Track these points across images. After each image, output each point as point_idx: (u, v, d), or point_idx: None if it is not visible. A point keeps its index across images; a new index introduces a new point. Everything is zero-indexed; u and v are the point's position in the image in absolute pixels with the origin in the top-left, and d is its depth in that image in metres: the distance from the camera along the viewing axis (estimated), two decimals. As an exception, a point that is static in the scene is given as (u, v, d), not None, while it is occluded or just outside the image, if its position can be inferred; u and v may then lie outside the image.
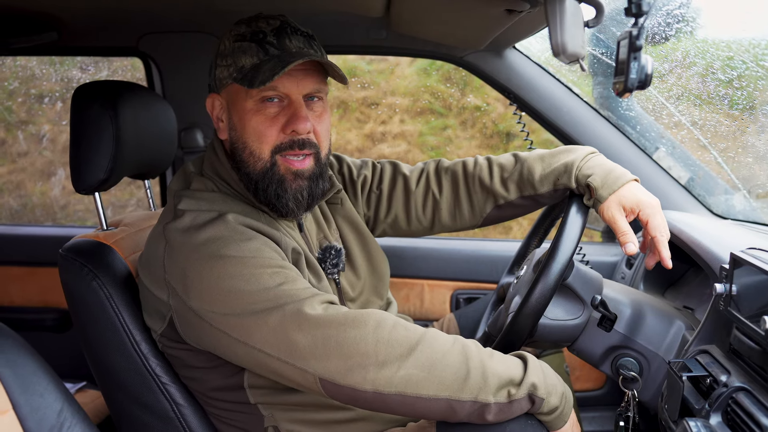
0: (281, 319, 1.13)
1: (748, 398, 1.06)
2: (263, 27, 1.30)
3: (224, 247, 1.20)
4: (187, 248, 1.23)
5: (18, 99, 4.75)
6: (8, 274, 2.46)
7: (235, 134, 1.34)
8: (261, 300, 1.16)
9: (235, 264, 1.19)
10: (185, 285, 1.22)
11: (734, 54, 2.00)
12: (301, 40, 1.32)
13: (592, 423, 2.15)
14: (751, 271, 1.12)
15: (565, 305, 1.43)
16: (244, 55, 1.29)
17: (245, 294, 1.16)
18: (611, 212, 1.37)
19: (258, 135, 1.30)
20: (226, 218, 1.25)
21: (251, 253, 1.20)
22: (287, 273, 1.20)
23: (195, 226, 1.25)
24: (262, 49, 1.29)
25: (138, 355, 1.35)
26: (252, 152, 1.32)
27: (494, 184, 1.56)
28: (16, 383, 1.08)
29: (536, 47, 2.14)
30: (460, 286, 2.27)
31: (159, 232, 1.31)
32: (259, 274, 1.18)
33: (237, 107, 1.32)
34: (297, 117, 1.29)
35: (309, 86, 1.31)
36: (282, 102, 1.31)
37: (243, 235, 1.23)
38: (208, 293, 1.19)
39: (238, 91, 1.31)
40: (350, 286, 1.51)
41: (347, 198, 1.58)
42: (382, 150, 4.59)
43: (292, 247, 1.31)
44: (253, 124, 1.30)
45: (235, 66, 1.30)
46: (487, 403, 1.12)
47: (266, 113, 1.30)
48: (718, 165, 2.12)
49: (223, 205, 1.32)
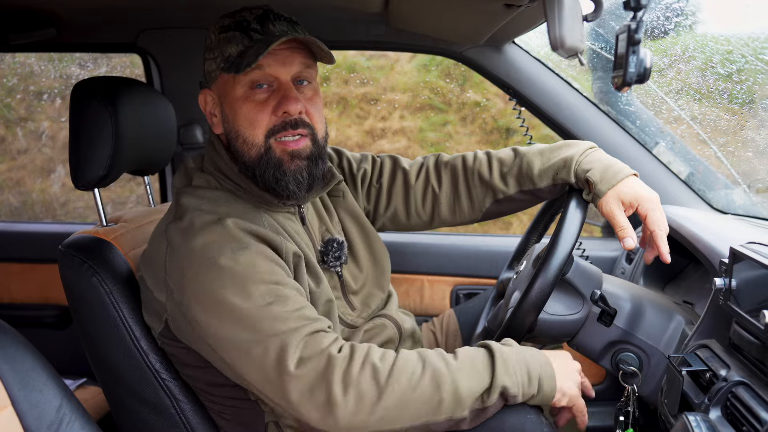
0: (263, 356, 1.15)
1: (748, 393, 1.06)
2: (246, 16, 1.31)
3: (220, 255, 1.20)
4: (185, 251, 1.23)
5: (17, 96, 4.75)
6: (8, 271, 2.46)
7: (228, 125, 1.34)
8: (248, 319, 1.16)
9: (228, 275, 1.19)
10: (181, 288, 1.23)
11: (733, 48, 2.00)
12: (284, 24, 1.32)
13: (592, 418, 2.13)
14: (751, 266, 1.12)
15: (564, 300, 1.43)
16: (230, 44, 1.29)
17: (234, 309, 1.17)
18: (610, 207, 1.37)
19: (250, 121, 1.30)
20: (225, 223, 1.24)
21: (245, 266, 1.20)
22: (279, 290, 1.19)
23: (194, 229, 1.24)
24: (247, 35, 1.29)
25: (138, 351, 1.36)
26: (245, 139, 1.31)
27: (493, 178, 1.56)
28: (15, 379, 1.08)
29: (535, 42, 2.14)
30: (460, 282, 2.27)
31: (162, 232, 1.31)
32: (251, 290, 1.18)
33: (227, 98, 1.32)
34: (287, 98, 1.29)
35: (296, 67, 1.31)
36: (271, 87, 1.31)
37: (240, 243, 1.22)
38: (200, 301, 1.20)
39: (227, 81, 1.31)
40: (353, 279, 1.52)
41: (348, 190, 1.58)
42: (381, 146, 4.58)
43: (293, 252, 1.30)
44: (244, 111, 1.30)
45: (222, 56, 1.30)
46: (462, 418, 1.16)
47: (256, 99, 1.30)
48: (718, 159, 2.12)
49: (225, 206, 1.31)
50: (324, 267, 1.44)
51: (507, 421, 1.20)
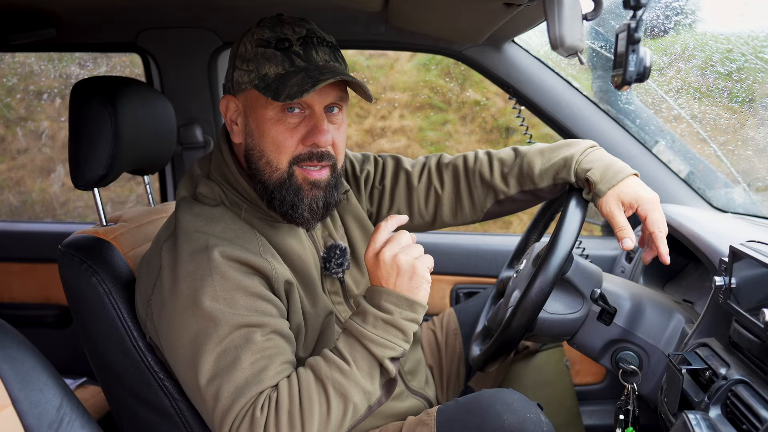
0: (212, 408, 1.17)
1: (748, 391, 1.06)
2: (289, 34, 1.27)
3: (200, 291, 1.20)
4: (170, 281, 1.24)
5: (17, 95, 4.75)
6: (9, 271, 2.46)
7: (252, 141, 1.31)
8: (208, 371, 1.17)
9: (204, 316, 1.19)
10: (159, 316, 1.26)
11: (733, 46, 2.00)
12: (327, 51, 1.30)
13: (592, 416, 2.15)
14: (751, 264, 1.12)
15: (564, 299, 1.43)
16: (268, 63, 1.26)
17: (202, 352, 1.18)
18: (609, 207, 1.37)
19: (277, 145, 1.28)
20: (212, 255, 1.22)
21: (223, 305, 1.19)
22: (250, 336, 1.19)
23: (182, 256, 1.24)
24: (288, 59, 1.26)
25: (136, 351, 1.35)
26: (269, 161, 1.29)
27: (494, 179, 1.55)
28: (16, 379, 1.08)
29: (535, 41, 2.14)
30: (459, 281, 2.27)
31: (159, 248, 1.30)
32: (223, 334, 1.18)
33: (256, 114, 1.29)
34: (318, 130, 1.27)
35: (331, 98, 1.29)
36: (303, 112, 1.28)
37: (223, 277, 1.21)
38: (172, 336, 1.23)
39: (258, 98, 1.28)
40: (354, 284, 1.51)
41: (353, 194, 1.58)
42: (381, 145, 4.58)
43: (284, 280, 1.29)
44: (273, 134, 1.28)
45: (258, 73, 1.26)
46: (378, 400, 1.21)
47: (287, 123, 1.27)
48: (718, 158, 2.12)
49: (220, 225, 1.29)
50: (326, 273, 1.44)
51: (506, 421, 1.20)
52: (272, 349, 1.20)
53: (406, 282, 1.20)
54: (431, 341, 1.83)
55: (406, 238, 1.24)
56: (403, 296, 1.19)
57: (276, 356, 1.20)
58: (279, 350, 1.21)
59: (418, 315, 1.20)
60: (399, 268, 1.20)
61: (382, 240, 1.24)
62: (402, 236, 1.24)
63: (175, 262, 1.25)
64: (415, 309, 1.20)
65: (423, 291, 1.21)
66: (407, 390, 1.54)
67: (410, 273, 1.20)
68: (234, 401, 1.15)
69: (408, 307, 1.19)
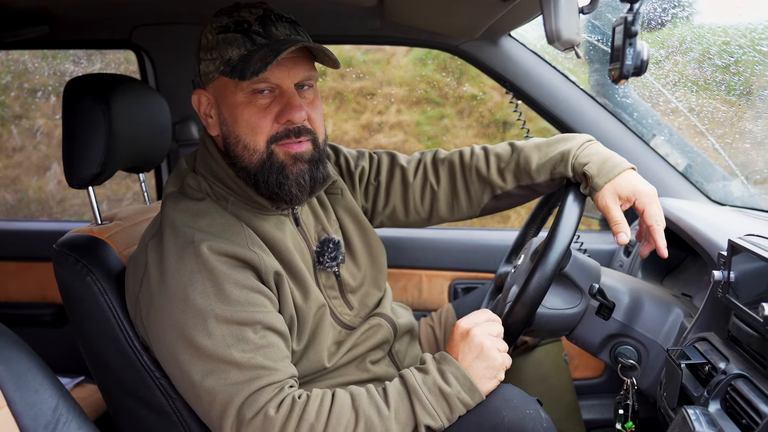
0: (209, 405, 1.19)
1: (747, 385, 1.06)
2: (246, 16, 1.27)
3: (189, 287, 1.21)
4: (157, 278, 1.24)
5: (11, 93, 4.73)
6: (5, 270, 2.45)
7: (227, 129, 1.31)
8: (204, 363, 1.18)
9: (192, 313, 1.19)
10: (148, 314, 1.26)
11: (731, 39, 1.99)
12: (287, 26, 1.29)
13: (591, 411, 2.15)
14: (750, 258, 1.11)
15: (563, 294, 1.43)
16: (230, 47, 1.26)
17: (192, 347, 1.19)
18: (606, 201, 1.36)
19: (251, 127, 1.28)
20: (200, 250, 1.22)
21: (213, 300, 1.20)
22: (241, 333, 1.19)
23: (169, 254, 1.24)
24: (249, 38, 1.26)
25: (132, 350, 1.35)
26: (246, 145, 1.29)
27: (491, 174, 1.55)
28: (11, 380, 1.07)
29: (531, 35, 2.13)
30: (458, 276, 2.27)
31: (145, 245, 1.30)
32: (212, 329, 1.19)
33: (227, 101, 1.30)
34: (291, 106, 1.27)
35: (300, 74, 1.29)
36: (273, 92, 1.28)
37: (212, 272, 1.21)
38: (163, 334, 1.23)
39: (227, 84, 1.28)
40: (351, 277, 1.51)
41: (347, 188, 1.57)
42: (378, 140, 4.57)
43: (273, 270, 1.28)
44: (246, 117, 1.27)
45: (222, 59, 1.27)
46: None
47: (258, 105, 1.27)
48: (716, 151, 2.11)
49: (206, 219, 1.29)
50: (320, 267, 1.43)
51: (506, 417, 1.20)
52: (266, 345, 1.20)
53: (481, 369, 1.23)
54: (429, 337, 1.82)
55: (499, 329, 1.28)
56: (470, 379, 1.21)
57: (270, 351, 1.20)
58: (272, 345, 1.21)
59: (472, 403, 1.21)
60: (482, 353, 1.23)
61: (482, 320, 1.28)
62: (497, 326, 1.28)
63: (161, 258, 1.24)
64: (473, 396, 1.21)
65: (489, 385, 1.23)
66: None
67: (488, 363, 1.23)
68: (232, 397, 1.15)
69: (468, 391, 1.21)
